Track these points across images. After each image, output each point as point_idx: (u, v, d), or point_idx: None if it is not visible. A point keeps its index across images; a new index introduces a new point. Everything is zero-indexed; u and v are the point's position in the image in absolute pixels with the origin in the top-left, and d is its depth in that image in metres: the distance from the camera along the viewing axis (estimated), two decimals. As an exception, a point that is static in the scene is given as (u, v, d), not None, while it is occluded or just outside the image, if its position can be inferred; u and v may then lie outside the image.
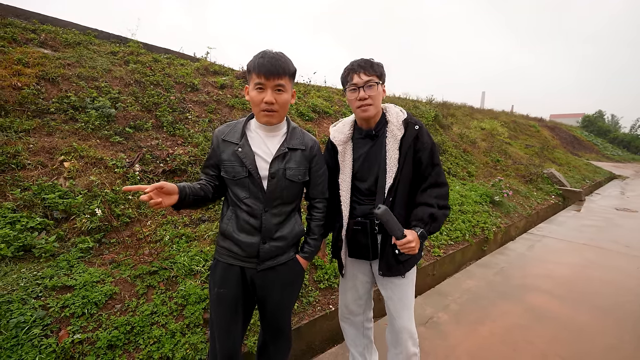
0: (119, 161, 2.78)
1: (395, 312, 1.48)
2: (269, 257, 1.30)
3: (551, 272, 3.39)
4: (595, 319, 2.52)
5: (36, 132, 2.73)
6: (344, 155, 1.50)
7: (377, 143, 1.45)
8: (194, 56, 5.55)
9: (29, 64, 3.29)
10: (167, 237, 2.37)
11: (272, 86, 1.19)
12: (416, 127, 1.40)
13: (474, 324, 2.43)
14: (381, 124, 1.46)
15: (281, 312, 1.39)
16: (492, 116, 12.33)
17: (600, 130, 26.14)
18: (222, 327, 1.31)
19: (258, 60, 1.18)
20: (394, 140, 1.39)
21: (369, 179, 1.46)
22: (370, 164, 1.45)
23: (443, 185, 1.42)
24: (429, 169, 1.40)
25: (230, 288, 1.30)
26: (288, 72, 1.22)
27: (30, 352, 1.46)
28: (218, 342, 1.32)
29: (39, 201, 2.21)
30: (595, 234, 4.83)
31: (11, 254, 1.87)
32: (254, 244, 1.27)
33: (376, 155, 1.44)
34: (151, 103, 3.60)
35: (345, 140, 1.51)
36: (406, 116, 1.43)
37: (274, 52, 1.21)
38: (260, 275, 1.31)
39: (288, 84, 1.23)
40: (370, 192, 1.46)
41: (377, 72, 1.38)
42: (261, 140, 1.30)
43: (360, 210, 1.48)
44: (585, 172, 10.38)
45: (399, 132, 1.39)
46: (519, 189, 6.02)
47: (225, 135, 1.29)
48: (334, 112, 5.43)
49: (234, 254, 1.30)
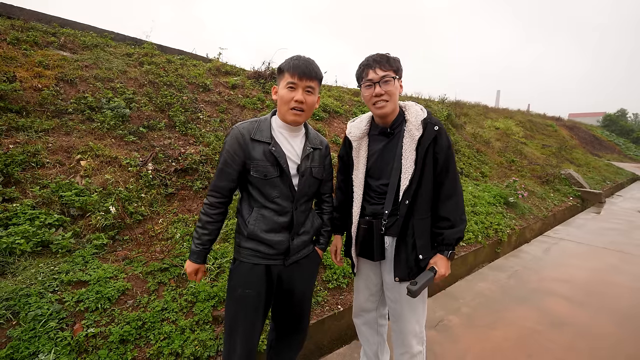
0: (133, 160, 2.84)
1: (401, 315, 1.44)
2: (295, 251, 1.36)
3: (569, 277, 3.27)
4: (616, 326, 2.41)
5: (55, 131, 2.83)
6: (358, 151, 1.47)
7: (392, 141, 1.41)
8: (206, 57, 5.63)
9: (49, 66, 3.40)
10: (178, 235, 2.40)
11: (303, 87, 1.25)
12: (435, 128, 1.33)
13: (486, 328, 2.37)
14: (398, 122, 1.41)
15: (305, 303, 1.47)
16: (507, 115, 12.03)
17: (622, 130, 25.15)
18: (246, 326, 1.32)
19: (293, 62, 1.24)
20: (411, 140, 1.33)
21: (382, 178, 1.42)
22: (384, 161, 1.41)
23: (459, 194, 1.37)
24: (443, 175, 1.35)
25: (255, 288, 1.31)
26: (318, 77, 1.28)
27: (46, 344, 1.51)
28: (240, 342, 1.32)
29: (57, 198, 2.28)
30: (617, 237, 4.64)
31: (30, 249, 1.94)
32: (284, 241, 1.31)
33: (390, 154, 1.40)
34: (164, 103, 3.67)
35: (361, 136, 1.47)
36: (426, 115, 1.35)
37: (307, 57, 1.29)
38: (287, 270, 1.36)
39: (317, 88, 1.30)
40: (382, 191, 1.42)
41: (394, 66, 1.33)
42: (285, 140, 1.32)
43: (370, 210, 1.45)
44: (606, 173, 9.99)
45: (417, 132, 1.32)
46: (535, 190, 5.84)
47: (254, 134, 1.27)
48: (344, 111, 5.41)
49: (260, 253, 1.30)
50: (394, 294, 1.45)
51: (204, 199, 1.72)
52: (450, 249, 1.35)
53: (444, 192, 1.35)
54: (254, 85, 4.96)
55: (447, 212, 1.35)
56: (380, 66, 1.32)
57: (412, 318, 1.43)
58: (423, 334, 1.48)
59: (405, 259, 1.37)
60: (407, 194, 1.33)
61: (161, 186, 2.78)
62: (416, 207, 1.35)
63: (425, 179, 1.33)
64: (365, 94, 1.38)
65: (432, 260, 1.37)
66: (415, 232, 1.35)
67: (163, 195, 2.74)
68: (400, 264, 1.37)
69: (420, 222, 1.36)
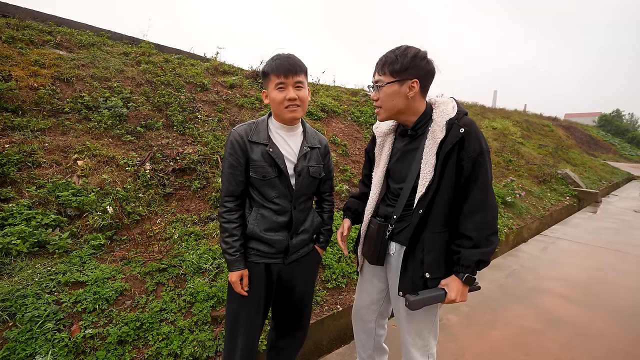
0: (130, 160, 2.82)
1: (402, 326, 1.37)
2: (295, 250, 1.37)
3: (566, 275, 3.29)
4: (613, 324, 2.43)
5: (51, 131, 2.80)
6: (381, 148, 1.40)
7: (414, 142, 1.28)
8: (204, 56, 5.61)
9: (45, 65, 3.37)
10: (177, 235, 2.39)
11: (292, 83, 1.24)
12: (462, 130, 1.14)
13: (485, 327, 2.38)
14: (422, 123, 1.26)
15: (306, 301, 1.48)
16: (504, 115, 12.09)
17: (618, 130, 25.35)
18: (247, 325, 1.33)
19: (275, 63, 1.23)
20: (433, 143, 1.18)
21: (400, 181, 1.32)
22: (403, 163, 1.31)
23: (489, 210, 1.15)
24: (470, 185, 1.16)
25: (255, 286, 1.32)
26: (303, 70, 1.27)
27: (43, 345, 1.49)
28: (242, 342, 1.33)
29: (54, 198, 2.26)
30: (613, 236, 4.67)
31: (26, 249, 1.92)
32: (283, 240, 1.32)
33: (410, 156, 1.29)
34: (162, 103, 3.65)
35: (387, 132, 1.38)
36: (454, 115, 1.18)
37: (287, 53, 1.27)
38: (287, 268, 1.37)
39: (305, 81, 1.29)
40: (399, 194, 1.32)
41: (392, 70, 1.18)
42: (283, 140, 1.32)
43: (383, 211, 1.38)
44: (602, 172, 10.06)
45: (440, 134, 1.16)
46: (532, 190, 5.87)
47: (251, 136, 1.28)
48: (342, 111, 5.40)
49: (260, 252, 1.32)
50: (397, 304, 1.36)
51: (217, 204, 1.69)
52: (468, 271, 1.15)
53: (469, 205, 1.16)
54: (252, 85, 4.94)
55: (469, 229, 1.15)
56: (378, 69, 1.24)
57: (412, 330, 1.33)
58: (431, 349, 1.34)
59: (411, 274, 1.24)
60: (421, 203, 1.19)
61: (159, 186, 2.77)
62: (430, 218, 1.20)
63: (444, 188, 1.18)
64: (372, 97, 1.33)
65: (444, 281, 1.20)
66: (425, 246, 1.21)
67: (161, 195, 2.72)
68: (406, 278, 1.25)
69: (433, 236, 1.20)
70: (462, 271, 1.17)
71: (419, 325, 1.32)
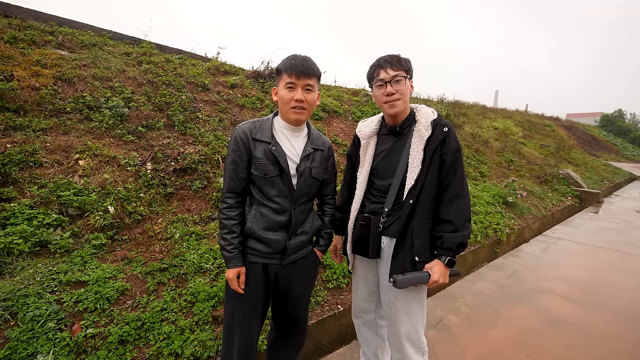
0: (132, 160, 2.83)
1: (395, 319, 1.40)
2: (293, 251, 1.36)
3: (567, 276, 3.28)
4: (614, 325, 2.42)
5: (53, 131, 2.81)
6: (366, 149, 1.48)
7: (400, 140, 1.41)
8: (205, 56, 5.62)
9: (47, 65, 3.38)
10: (178, 235, 2.40)
11: (302, 85, 1.25)
12: (445, 130, 1.32)
13: (486, 327, 2.37)
14: (408, 123, 1.41)
15: (302, 304, 1.47)
16: (506, 115, 12.06)
17: (620, 130, 25.26)
18: (244, 324, 1.33)
19: (289, 62, 1.24)
20: (420, 140, 1.33)
21: (387, 177, 1.41)
22: (390, 161, 1.41)
23: (465, 197, 1.33)
24: (450, 176, 1.32)
25: (253, 286, 1.32)
26: (316, 74, 1.28)
27: (45, 345, 1.50)
28: (238, 340, 1.32)
29: (55, 198, 2.27)
30: (614, 236, 4.66)
31: (28, 249, 1.93)
32: (281, 240, 1.31)
33: (398, 153, 1.40)
34: (163, 103, 3.66)
35: (371, 134, 1.49)
36: (436, 117, 1.36)
37: (303, 55, 1.28)
38: (284, 269, 1.36)
39: (316, 85, 1.30)
40: (385, 190, 1.41)
41: (405, 66, 1.35)
42: (287, 140, 1.33)
43: (370, 208, 1.45)
44: (604, 172, 10.03)
45: (426, 133, 1.32)
46: (534, 190, 5.86)
47: (255, 134, 1.29)
48: (343, 111, 5.40)
49: (257, 251, 1.31)
50: (389, 297, 1.41)
51: (218, 204, 1.69)
52: (450, 254, 1.28)
53: (450, 194, 1.32)
54: (253, 85, 4.94)
55: (450, 214, 1.30)
56: (392, 66, 1.33)
57: (407, 323, 1.38)
58: (422, 343, 1.42)
59: (402, 260, 1.34)
60: (411, 194, 1.32)
61: (160, 186, 2.77)
62: (418, 207, 1.33)
63: (430, 180, 1.32)
64: (376, 94, 1.39)
65: (428, 265, 1.31)
66: (414, 232, 1.32)
67: (162, 195, 2.73)
68: (397, 263, 1.35)
69: (420, 222, 1.33)
70: (444, 254, 1.29)
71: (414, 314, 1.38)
